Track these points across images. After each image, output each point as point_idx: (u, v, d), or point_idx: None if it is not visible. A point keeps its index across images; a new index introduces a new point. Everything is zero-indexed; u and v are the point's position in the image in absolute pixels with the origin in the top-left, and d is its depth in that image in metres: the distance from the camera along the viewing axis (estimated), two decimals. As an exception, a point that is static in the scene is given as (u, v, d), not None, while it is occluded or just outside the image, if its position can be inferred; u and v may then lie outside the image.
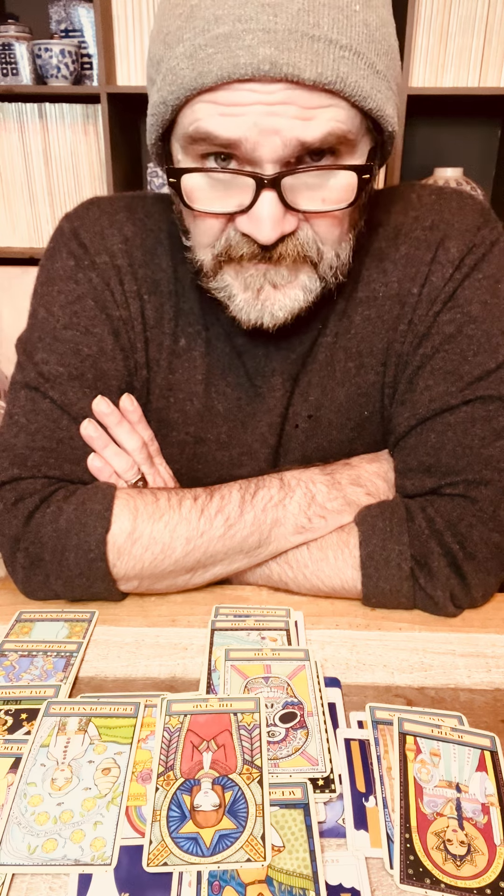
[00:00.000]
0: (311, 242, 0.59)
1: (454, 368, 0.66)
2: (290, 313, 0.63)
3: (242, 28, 0.50)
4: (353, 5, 0.51)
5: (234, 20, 0.50)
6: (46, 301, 0.70)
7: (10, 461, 0.67)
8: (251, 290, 0.62)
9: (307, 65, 0.50)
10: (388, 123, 0.57)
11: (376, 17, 0.53)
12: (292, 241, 0.58)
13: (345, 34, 0.51)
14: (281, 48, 0.50)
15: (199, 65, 0.52)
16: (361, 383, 0.72)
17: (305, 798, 0.45)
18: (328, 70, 0.51)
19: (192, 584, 0.69)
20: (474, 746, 0.49)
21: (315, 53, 0.50)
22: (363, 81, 0.53)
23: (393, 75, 0.56)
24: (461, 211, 0.68)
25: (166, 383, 0.74)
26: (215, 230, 0.60)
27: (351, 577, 0.66)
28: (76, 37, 1.74)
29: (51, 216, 1.86)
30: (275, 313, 0.62)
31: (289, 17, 0.50)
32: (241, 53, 0.50)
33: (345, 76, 0.51)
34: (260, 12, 0.50)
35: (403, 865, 0.42)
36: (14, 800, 0.45)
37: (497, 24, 1.58)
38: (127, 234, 0.72)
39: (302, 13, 0.50)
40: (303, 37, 0.50)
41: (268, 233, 0.55)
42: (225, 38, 0.50)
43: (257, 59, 0.50)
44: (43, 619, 0.64)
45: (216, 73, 0.51)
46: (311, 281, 0.62)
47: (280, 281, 0.61)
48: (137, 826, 0.43)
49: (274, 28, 0.50)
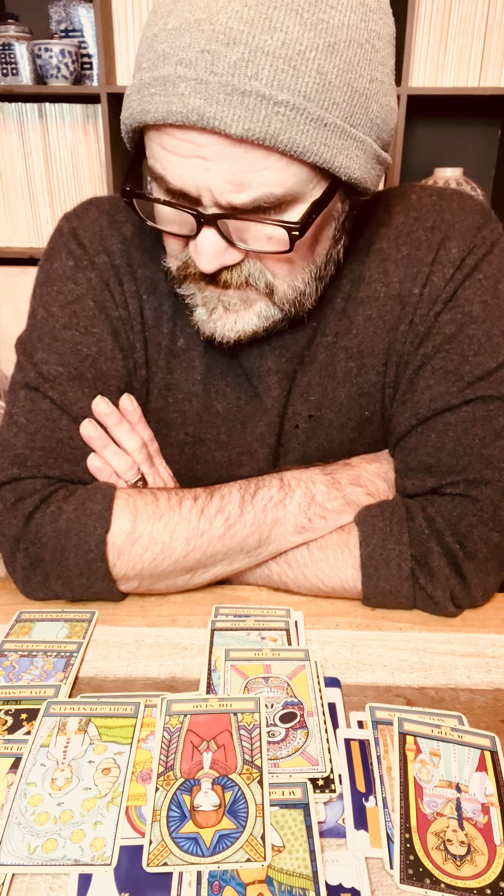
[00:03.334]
0: (259, 274, 0.60)
1: (455, 368, 0.66)
2: (242, 334, 0.64)
3: (178, 74, 0.50)
4: (306, 52, 0.49)
5: (175, 63, 0.50)
6: (46, 301, 0.70)
7: (9, 461, 0.67)
8: (206, 308, 0.63)
9: (234, 120, 0.49)
10: (341, 173, 0.54)
11: (339, 63, 0.50)
12: (236, 271, 0.59)
13: (285, 88, 0.49)
14: (210, 101, 0.49)
15: (143, 101, 0.52)
16: (362, 383, 0.72)
17: (305, 798, 0.45)
18: (257, 126, 0.49)
19: (192, 584, 0.69)
20: (474, 746, 0.49)
21: (245, 108, 0.49)
22: (301, 137, 0.50)
23: (361, 120, 0.54)
24: (462, 212, 0.68)
25: (165, 383, 0.74)
26: (178, 246, 0.62)
27: (351, 577, 0.66)
28: (76, 37, 1.74)
29: (51, 216, 1.86)
30: (226, 333, 0.64)
31: (226, 67, 0.48)
32: (175, 100, 0.50)
33: (276, 132, 0.50)
34: (199, 59, 0.49)
35: (403, 865, 0.42)
36: (14, 800, 0.45)
37: (497, 24, 1.58)
38: (126, 235, 0.72)
39: (240, 64, 0.48)
40: (233, 91, 0.49)
41: (205, 264, 0.57)
42: (163, 81, 0.51)
43: (187, 108, 0.50)
44: (43, 619, 0.64)
45: (153, 114, 0.52)
46: (267, 309, 0.63)
47: (232, 306, 0.62)
48: (137, 826, 0.43)
49: (207, 79, 0.49)
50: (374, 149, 0.57)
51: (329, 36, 0.50)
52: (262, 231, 0.56)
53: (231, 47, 0.48)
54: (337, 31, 0.50)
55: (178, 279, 0.64)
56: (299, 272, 0.61)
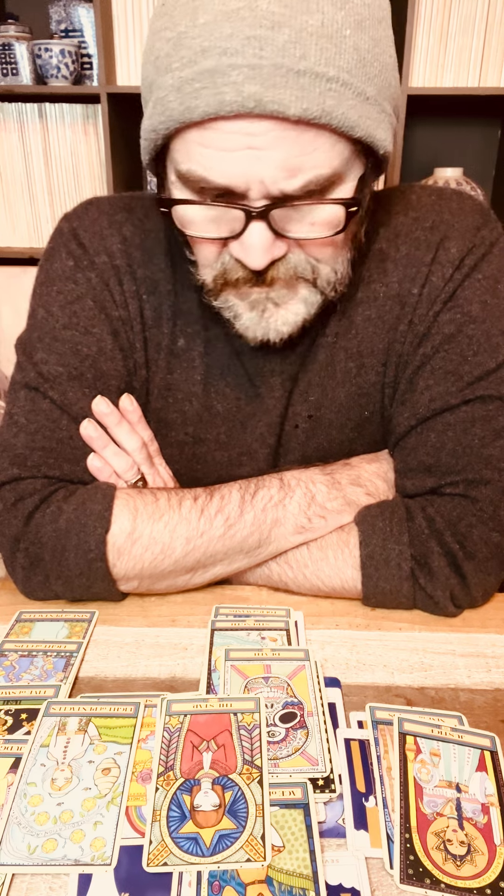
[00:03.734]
0: (304, 263, 0.60)
1: (454, 368, 0.66)
2: (294, 327, 0.64)
3: (228, 63, 0.49)
4: (342, 31, 0.50)
5: (219, 53, 0.49)
6: (46, 301, 0.70)
7: (9, 461, 0.67)
8: (256, 310, 0.62)
9: (292, 101, 0.49)
10: (380, 147, 0.56)
11: (368, 39, 0.52)
12: (283, 264, 0.59)
13: (332, 65, 0.50)
14: (266, 85, 0.49)
15: (186, 99, 0.51)
16: (362, 383, 0.72)
17: (305, 798, 0.45)
18: (314, 105, 0.50)
19: (192, 585, 0.69)
20: (474, 746, 0.49)
21: (301, 88, 0.49)
22: (351, 112, 0.51)
23: (387, 95, 0.55)
24: (461, 211, 0.68)
25: (165, 383, 0.74)
26: (213, 253, 0.61)
27: (351, 577, 0.66)
28: (76, 37, 1.74)
29: (51, 216, 1.86)
30: (279, 329, 0.63)
31: (275, 50, 0.48)
32: (227, 90, 0.49)
33: (331, 109, 0.50)
34: (246, 46, 0.49)
35: (403, 865, 0.42)
36: (14, 800, 0.45)
37: (497, 24, 1.58)
38: (126, 235, 0.72)
39: (288, 46, 0.48)
40: (288, 72, 0.49)
41: (257, 259, 0.56)
42: (211, 73, 0.50)
43: (242, 96, 0.49)
44: (43, 619, 0.64)
45: (203, 109, 0.51)
46: (311, 294, 0.62)
47: (280, 300, 0.62)
48: (137, 826, 0.43)
49: (259, 64, 0.49)
50: (394, 123, 0.58)
51: (356, 14, 0.51)
52: (305, 219, 0.56)
53: (276, 31, 0.48)
54: (362, 9, 0.51)
55: (216, 290, 0.63)
56: (340, 254, 0.61)
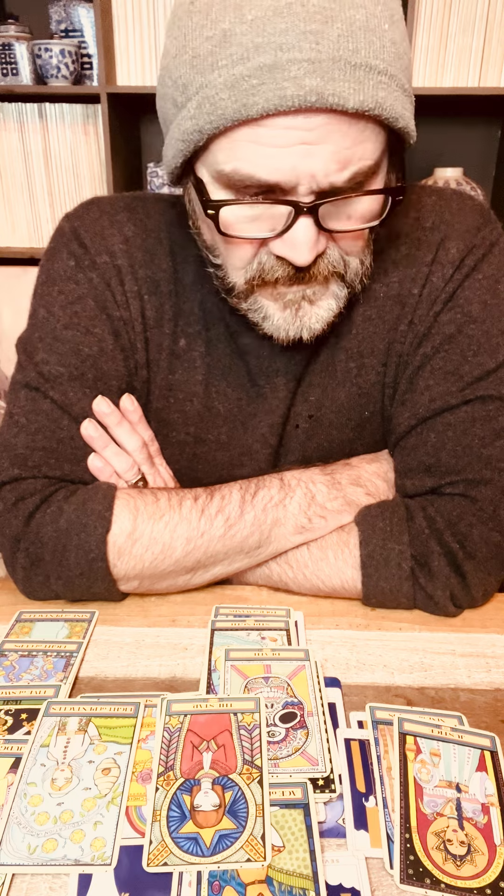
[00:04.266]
0: (339, 258, 0.60)
1: (454, 368, 0.66)
2: (326, 323, 0.64)
3: (287, 58, 0.49)
4: (382, 25, 0.51)
5: (275, 49, 0.49)
6: (47, 301, 0.70)
7: (10, 461, 0.67)
8: (290, 309, 0.62)
9: (350, 93, 0.50)
10: (411, 138, 0.57)
11: (399, 33, 0.53)
12: (324, 259, 0.59)
13: (380, 58, 0.51)
14: (326, 78, 0.49)
15: (242, 96, 0.50)
16: (362, 383, 0.72)
17: (305, 798, 0.45)
18: (369, 97, 0.50)
19: (192, 584, 0.69)
20: (474, 746, 0.49)
21: (357, 81, 0.50)
22: (396, 103, 0.53)
23: (410, 86, 0.56)
24: (461, 212, 0.68)
25: (166, 384, 0.74)
26: (249, 254, 0.60)
27: (351, 577, 0.66)
28: (76, 37, 1.74)
29: (51, 216, 1.86)
30: (312, 326, 0.63)
31: (330, 44, 0.49)
32: (288, 85, 0.49)
33: (383, 101, 0.51)
34: (302, 40, 0.48)
35: (403, 865, 0.42)
36: (14, 800, 0.45)
37: (497, 24, 1.58)
38: (127, 235, 0.72)
39: (342, 39, 0.49)
40: (346, 65, 0.49)
41: (305, 255, 0.56)
42: (269, 69, 0.49)
43: (304, 90, 0.49)
44: (43, 619, 0.64)
45: (262, 105, 0.50)
46: (339, 289, 0.63)
47: (315, 297, 0.62)
48: (137, 826, 0.43)
49: (318, 58, 0.49)
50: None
51: (388, 10, 0.52)
52: (343, 211, 0.57)
53: (330, 25, 0.49)
54: (392, 5, 0.53)
55: (245, 294, 0.62)
56: (367, 245, 0.62)
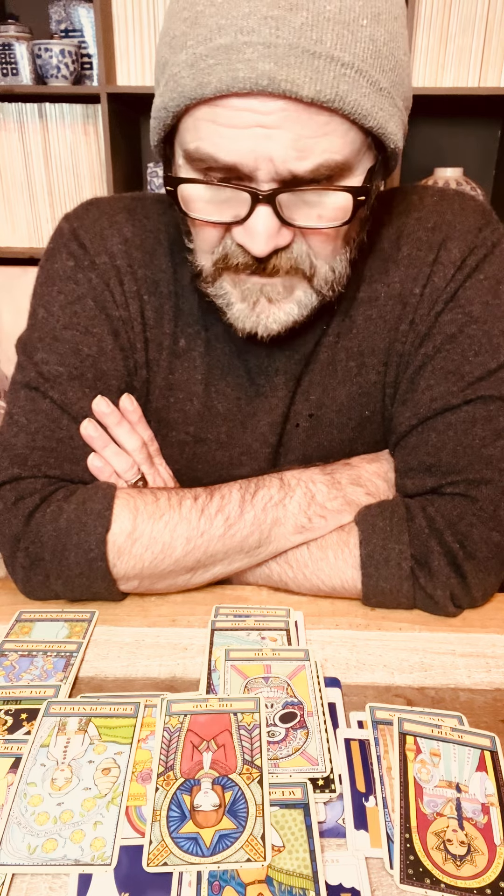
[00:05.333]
0: (305, 256, 0.59)
1: (455, 368, 0.66)
2: (284, 326, 0.63)
3: (244, 41, 0.49)
4: (360, 20, 0.50)
5: (236, 31, 0.49)
6: (46, 301, 0.70)
7: (10, 461, 0.67)
8: (248, 302, 0.62)
9: (306, 82, 0.49)
10: (391, 141, 0.56)
11: (385, 32, 0.52)
12: (286, 254, 0.59)
13: (348, 51, 0.50)
14: (280, 64, 0.49)
15: (199, 75, 0.51)
16: (363, 383, 0.72)
17: (305, 798, 0.45)
18: (327, 88, 0.50)
19: (192, 584, 0.69)
20: (474, 746, 0.49)
21: (315, 70, 0.49)
22: (364, 100, 0.52)
23: (400, 91, 0.55)
24: (463, 212, 0.68)
25: (166, 383, 0.74)
26: (214, 237, 0.60)
27: (351, 577, 0.66)
28: (76, 37, 1.74)
29: (51, 216, 1.86)
30: (269, 325, 0.63)
31: (291, 31, 0.49)
32: (241, 67, 0.49)
33: (344, 94, 0.51)
34: (262, 25, 0.49)
35: (403, 865, 0.42)
36: (14, 800, 0.45)
37: (497, 24, 1.58)
38: (126, 235, 0.72)
39: (305, 28, 0.49)
40: (303, 53, 0.49)
41: (261, 246, 0.56)
42: (226, 50, 0.50)
43: (256, 73, 0.49)
44: (43, 619, 0.64)
45: (215, 85, 0.51)
46: (306, 295, 0.62)
47: (275, 296, 0.61)
48: (137, 826, 0.43)
49: (275, 42, 0.49)
50: (406, 121, 0.58)
51: (374, 6, 0.51)
52: (312, 209, 0.56)
53: (294, 12, 0.48)
54: (379, 3, 0.52)
55: (212, 277, 0.63)
56: (339, 252, 0.61)
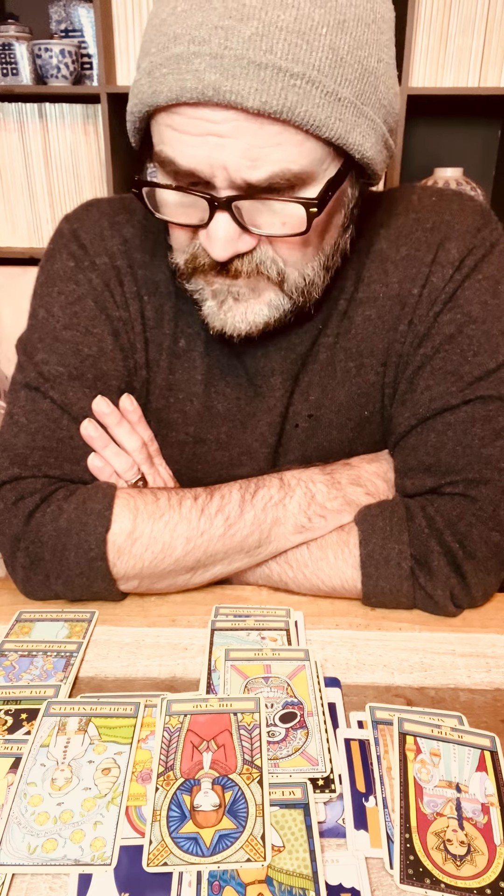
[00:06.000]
0: (270, 262, 0.59)
1: (454, 368, 0.66)
2: (254, 326, 0.63)
3: (193, 50, 0.50)
4: (318, 28, 0.49)
5: (188, 41, 0.50)
6: (46, 302, 0.70)
7: (10, 461, 0.67)
8: (216, 300, 0.63)
9: (251, 93, 0.49)
10: (355, 150, 0.55)
11: (350, 40, 0.51)
12: (248, 258, 0.59)
13: (299, 61, 0.49)
14: (226, 75, 0.49)
15: (154, 83, 0.52)
16: (361, 383, 0.72)
17: (305, 798, 0.45)
18: (274, 99, 0.49)
19: (192, 584, 0.69)
20: (474, 746, 0.49)
21: (261, 81, 0.49)
22: (317, 110, 0.51)
23: (372, 100, 0.54)
24: (461, 212, 0.68)
25: (166, 384, 0.74)
26: (185, 239, 0.61)
27: (351, 577, 0.66)
28: (76, 37, 1.74)
29: (51, 216, 1.86)
30: (236, 325, 0.63)
31: (240, 42, 0.49)
32: (189, 77, 0.50)
33: (293, 105, 0.50)
34: (212, 35, 0.49)
35: (403, 865, 0.42)
36: (14, 800, 0.45)
37: (497, 24, 1.58)
38: (126, 236, 0.72)
39: (255, 38, 0.48)
40: (249, 64, 0.49)
41: (219, 251, 0.57)
42: (176, 60, 0.50)
43: (202, 83, 0.50)
44: (43, 619, 0.64)
45: (166, 94, 0.51)
46: (277, 298, 0.62)
47: (242, 296, 0.62)
48: (137, 826, 0.43)
49: (222, 53, 0.49)
50: (382, 130, 0.57)
51: (338, 14, 0.50)
52: (276, 216, 0.56)
53: (244, 22, 0.48)
54: (346, 9, 0.51)
55: (187, 274, 0.63)
56: (310, 259, 0.61)
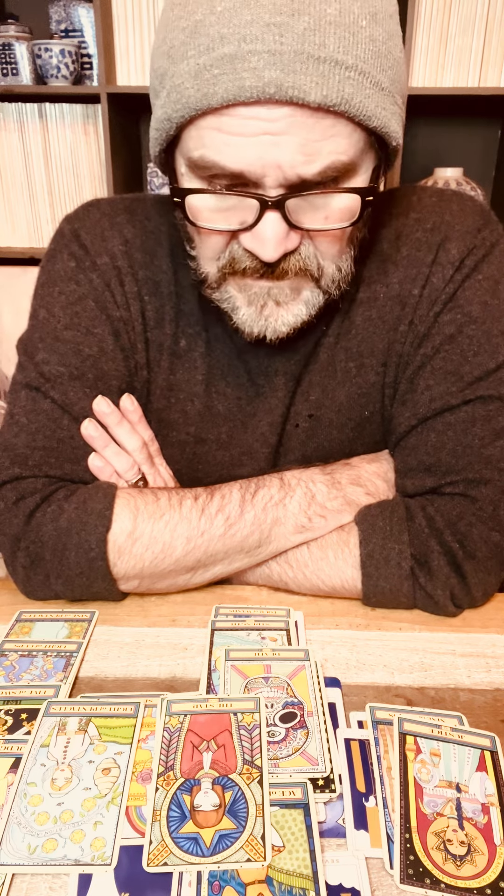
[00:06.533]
0: (313, 258, 0.60)
1: (454, 368, 0.66)
2: (293, 327, 0.63)
3: (248, 49, 0.49)
4: (359, 21, 0.50)
5: (239, 40, 0.49)
6: (47, 302, 0.70)
7: (10, 460, 0.67)
8: (255, 306, 0.62)
9: (312, 87, 0.49)
10: (393, 139, 0.56)
11: (382, 31, 0.52)
12: (294, 257, 0.59)
13: (350, 53, 0.50)
14: (286, 71, 0.49)
15: (204, 85, 0.51)
16: (362, 383, 0.72)
17: (305, 798, 0.45)
18: (333, 92, 0.50)
19: (192, 584, 0.69)
20: (474, 746, 0.49)
21: (321, 75, 0.49)
22: (368, 101, 0.52)
23: (398, 88, 0.56)
24: (462, 213, 0.68)
25: (167, 384, 0.74)
26: (220, 244, 0.60)
27: (351, 577, 0.66)
28: (76, 37, 1.74)
29: (51, 216, 1.86)
30: (277, 328, 0.63)
31: (294, 37, 0.49)
32: (247, 76, 0.49)
33: (349, 97, 0.51)
34: (265, 32, 0.49)
35: (403, 865, 0.42)
36: (14, 800, 0.45)
37: (497, 24, 1.58)
38: (127, 236, 0.72)
39: (308, 33, 0.49)
40: (308, 58, 0.49)
41: (271, 251, 0.56)
42: (230, 59, 0.50)
43: (263, 81, 0.49)
44: (43, 619, 0.64)
45: (221, 95, 0.50)
46: (313, 295, 0.62)
47: (283, 298, 0.61)
48: (137, 826, 0.43)
49: (279, 50, 0.49)
50: (404, 118, 0.58)
51: (371, 6, 0.51)
52: (319, 212, 0.56)
53: (296, 18, 0.49)
54: (375, 2, 0.52)
55: (217, 282, 0.63)
56: (345, 251, 0.61)
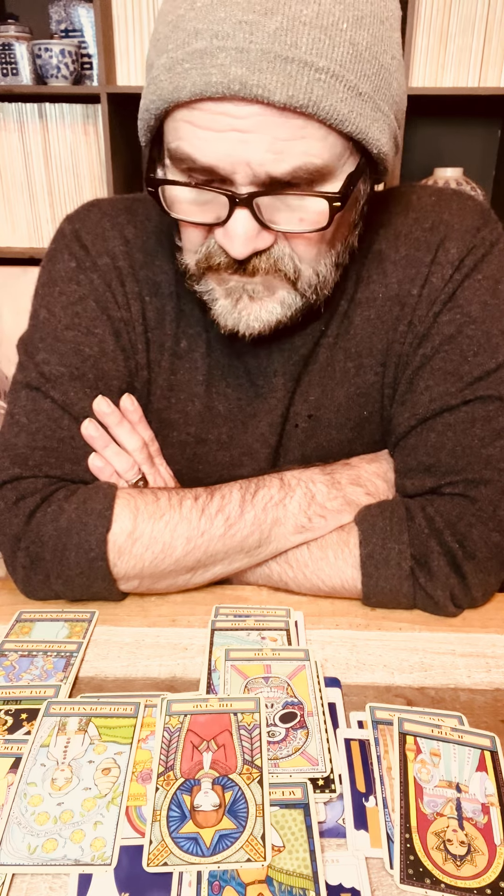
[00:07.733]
0: (287, 259, 0.59)
1: (454, 369, 0.66)
2: (267, 325, 0.63)
3: (218, 45, 0.49)
4: (339, 24, 0.50)
5: (211, 36, 0.50)
6: (48, 302, 0.70)
7: (10, 460, 0.67)
8: (231, 299, 0.62)
9: (278, 87, 0.49)
10: (373, 146, 0.56)
11: (367, 36, 0.51)
12: (266, 256, 0.59)
13: (325, 56, 0.50)
14: (252, 69, 0.49)
15: (175, 78, 0.52)
16: (361, 384, 0.72)
17: (305, 798, 0.45)
18: (300, 93, 0.50)
19: (192, 584, 0.69)
20: (474, 746, 0.49)
21: (287, 75, 0.49)
22: (340, 105, 0.51)
23: (385, 95, 0.55)
24: (461, 212, 0.68)
25: (167, 384, 0.74)
26: (199, 238, 0.61)
27: (351, 577, 0.66)
28: (76, 37, 1.74)
29: (51, 216, 1.86)
30: (250, 324, 0.63)
31: (265, 36, 0.49)
32: (214, 72, 0.50)
33: (318, 99, 0.50)
34: (237, 30, 0.49)
35: (403, 865, 0.42)
36: (14, 800, 0.45)
37: (497, 24, 1.58)
38: (128, 237, 0.72)
39: (279, 33, 0.49)
40: (276, 58, 0.49)
41: (239, 248, 0.56)
42: (200, 55, 0.50)
43: (228, 78, 0.49)
44: (43, 619, 0.64)
45: (189, 89, 0.51)
46: (290, 296, 0.62)
47: (257, 294, 0.62)
48: (137, 826, 0.43)
49: (248, 48, 0.49)
50: (394, 127, 0.58)
51: (356, 10, 0.51)
52: (294, 213, 0.56)
53: (269, 17, 0.49)
54: (363, 6, 0.51)
55: (197, 275, 0.63)
56: (324, 256, 0.61)
